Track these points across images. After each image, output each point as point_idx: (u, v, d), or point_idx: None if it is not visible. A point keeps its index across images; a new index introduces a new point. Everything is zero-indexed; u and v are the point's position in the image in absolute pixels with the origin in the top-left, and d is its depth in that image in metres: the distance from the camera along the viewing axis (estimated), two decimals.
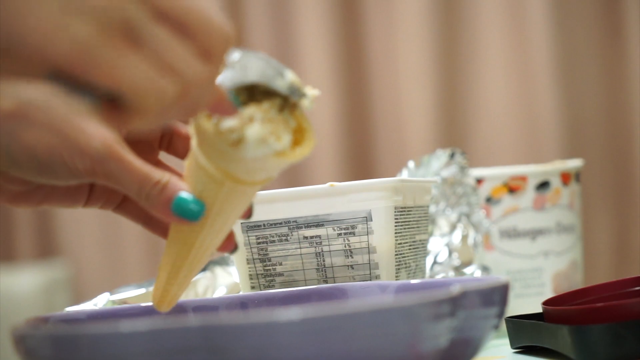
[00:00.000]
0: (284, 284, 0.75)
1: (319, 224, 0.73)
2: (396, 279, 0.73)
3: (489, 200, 0.94)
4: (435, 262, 0.85)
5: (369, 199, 0.72)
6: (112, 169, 0.55)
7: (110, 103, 0.48)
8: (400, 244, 0.74)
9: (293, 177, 2.31)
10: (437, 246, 0.86)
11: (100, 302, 0.80)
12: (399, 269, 0.74)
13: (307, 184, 2.19)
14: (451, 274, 0.84)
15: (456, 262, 0.85)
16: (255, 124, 0.54)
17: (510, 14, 2.24)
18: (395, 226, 0.73)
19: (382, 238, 0.72)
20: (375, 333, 0.47)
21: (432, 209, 0.87)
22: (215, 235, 0.58)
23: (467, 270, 0.85)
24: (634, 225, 2.21)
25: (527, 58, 2.23)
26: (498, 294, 0.55)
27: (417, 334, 0.48)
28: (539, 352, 0.71)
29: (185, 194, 0.56)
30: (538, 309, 0.73)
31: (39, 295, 2.32)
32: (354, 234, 0.73)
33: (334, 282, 0.73)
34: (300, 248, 0.74)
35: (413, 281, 0.66)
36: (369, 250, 0.73)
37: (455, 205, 0.88)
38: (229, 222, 0.58)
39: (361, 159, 2.31)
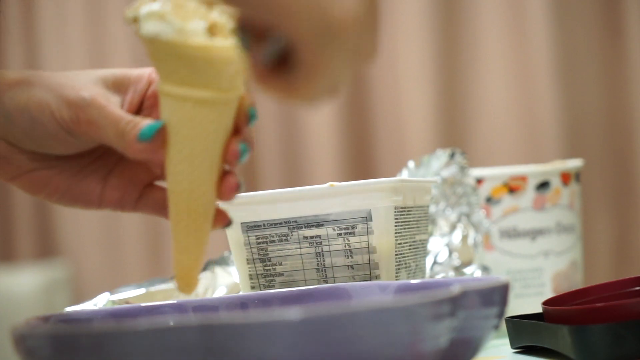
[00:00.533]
0: (284, 284, 0.75)
1: (319, 224, 0.73)
2: (396, 279, 0.73)
3: (489, 200, 0.94)
4: (435, 262, 0.85)
5: (369, 199, 0.72)
6: (93, 115, 0.60)
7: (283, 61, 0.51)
8: (400, 244, 0.74)
9: (293, 177, 2.31)
10: (437, 246, 0.86)
11: (100, 302, 0.80)
12: (399, 269, 0.74)
13: (307, 184, 2.19)
14: (451, 274, 0.84)
15: (456, 262, 0.85)
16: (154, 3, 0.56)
17: (510, 14, 2.24)
18: (395, 226, 0.73)
19: (382, 238, 0.72)
20: (375, 333, 0.47)
21: (432, 209, 0.87)
22: (190, 166, 0.58)
23: (467, 270, 0.85)
24: (634, 225, 2.21)
25: (527, 58, 2.23)
26: (498, 294, 0.55)
27: (417, 334, 0.48)
28: (539, 352, 0.71)
29: (150, 124, 0.59)
30: (538, 309, 0.73)
31: (39, 295, 2.32)
32: (354, 234, 0.73)
33: (334, 282, 0.73)
34: (300, 248, 0.74)
35: (413, 281, 0.66)
36: (369, 250, 0.73)
37: (455, 205, 0.88)
38: (199, 148, 0.57)
39: (361, 159, 2.31)
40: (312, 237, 0.73)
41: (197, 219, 0.59)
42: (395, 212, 0.73)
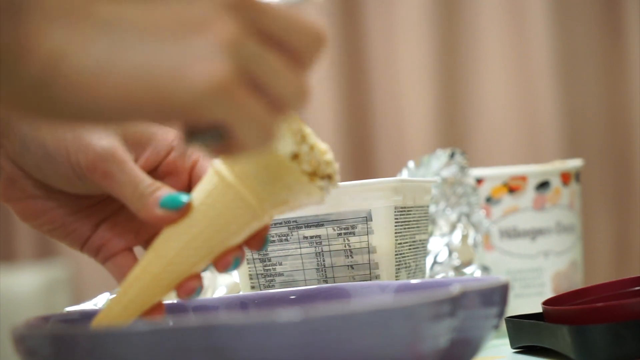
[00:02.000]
0: (284, 284, 0.75)
1: (319, 223, 0.73)
2: (396, 279, 0.73)
3: (489, 200, 0.94)
4: (435, 262, 0.85)
5: (369, 198, 0.72)
6: (111, 168, 0.58)
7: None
8: (400, 244, 0.74)
9: None
10: (437, 246, 0.86)
11: (100, 302, 0.80)
12: (399, 269, 0.74)
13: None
14: (451, 274, 0.84)
15: (456, 262, 0.85)
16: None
17: (510, 14, 2.24)
18: (395, 226, 0.73)
19: (382, 238, 0.72)
20: (375, 333, 0.47)
21: (432, 209, 0.87)
22: (187, 244, 0.55)
23: (467, 270, 0.85)
24: (634, 225, 2.21)
25: (527, 58, 2.23)
26: (498, 294, 0.55)
27: (417, 334, 0.48)
28: (539, 352, 0.71)
29: (176, 194, 0.56)
30: (538, 309, 0.73)
31: (39, 295, 2.32)
32: (354, 234, 0.73)
33: (334, 282, 0.73)
34: (300, 248, 0.74)
35: (413, 281, 0.66)
36: (369, 250, 0.72)
37: (455, 205, 0.88)
38: (206, 236, 0.55)
39: (361, 159, 2.31)
40: (312, 237, 0.73)
41: (155, 289, 0.56)
42: (395, 212, 0.73)
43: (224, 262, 0.56)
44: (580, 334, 0.64)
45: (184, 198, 0.56)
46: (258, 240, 0.57)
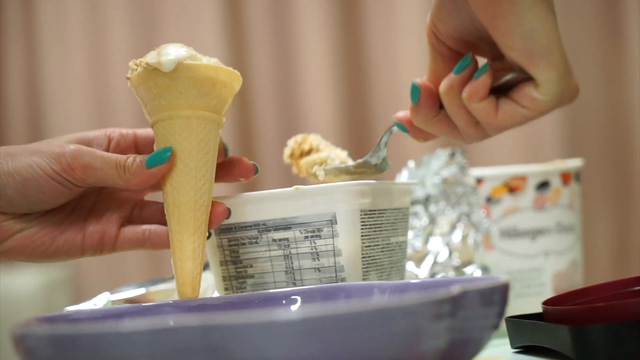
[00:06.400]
0: (255, 286, 0.75)
1: (286, 226, 0.73)
2: (364, 281, 0.73)
3: (489, 200, 0.94)
4: (435, 262, 0.85)
5: (334, 202, 0.72)
6: (87, 160, 0.67)
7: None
8: (368, 246, 0.73)
9: (292, 176, 2.31)
10: (437, 246, 0.86)
11: (100, 302, 0.80)
12: (367, 271, 0.73)
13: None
14: (451, 274, 0.84)
15: (456, 262, 0.85)
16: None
17: None
18: (362, 229, 0.72)
19: (347, 241, 0.72)
20: (375, 333, 0.47)
21: (432, 208, 0.87)
22: (195, 178, 0.67)
23: (467, 270, 0.85)
24: (634, 225, 2.21)
25: None
26: (498, 294, 0.55)
27: (417, 334, 0.48)
28: (539, 352, 0.71)
29: (155, 151, 0.67)
30: (538, 309, 0.73)
31: (39, 295, 2.32)
32: (319, 236, 0.72)
33: (302, 285, 0.73)
34: (269, 251, 0.74)
35: (413, 281, 0.66)
36: (335, 253, 0.72)
37: (455, 205, 0.88)
38: (202, 161, 0.67)
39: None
40: (280, 239, 0.73)
41: (201, 225, 0.68)
42: (361, 214, 0.72)
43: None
44: (580, 334, 0.64)
45: (167, 150, 0.67)
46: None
